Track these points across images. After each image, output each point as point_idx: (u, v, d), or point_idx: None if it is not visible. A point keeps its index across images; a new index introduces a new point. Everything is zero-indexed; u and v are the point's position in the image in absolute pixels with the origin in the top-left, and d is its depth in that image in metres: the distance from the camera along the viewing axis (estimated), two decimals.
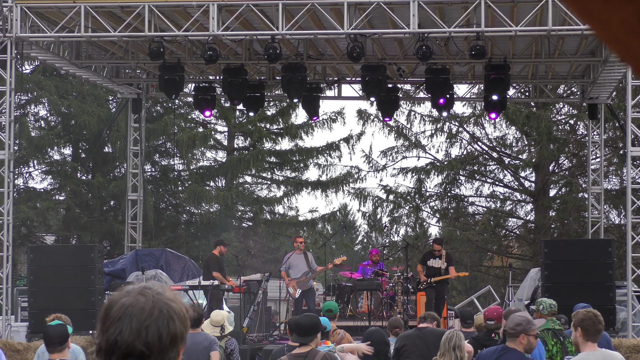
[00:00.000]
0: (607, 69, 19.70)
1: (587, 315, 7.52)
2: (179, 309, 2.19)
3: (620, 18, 1.39)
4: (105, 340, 2.13)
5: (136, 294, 2.16)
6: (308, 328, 8.02)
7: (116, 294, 2.19)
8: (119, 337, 2.11)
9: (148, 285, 2.21)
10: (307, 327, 8.03)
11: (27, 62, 27.94)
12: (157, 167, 33.91)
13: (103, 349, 2.13)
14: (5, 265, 17.85)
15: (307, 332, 7.99)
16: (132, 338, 2.10)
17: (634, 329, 18.05)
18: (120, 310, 2.13)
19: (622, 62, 1.48)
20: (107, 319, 2.14)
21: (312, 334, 8.06)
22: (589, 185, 23.22)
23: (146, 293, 2.16)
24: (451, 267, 19.47)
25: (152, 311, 2.13)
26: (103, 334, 2.14)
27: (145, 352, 2.11)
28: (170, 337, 2.15)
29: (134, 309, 2.13)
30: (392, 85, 21.45)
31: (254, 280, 19.82)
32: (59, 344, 8.42)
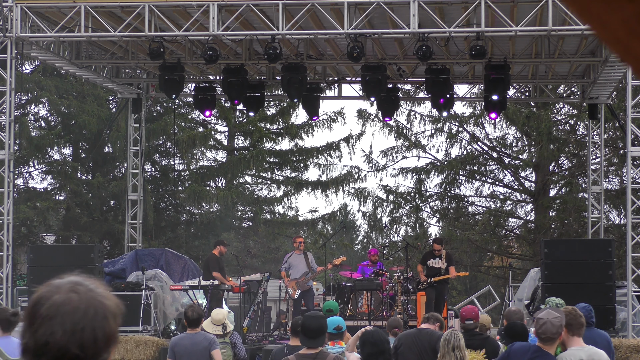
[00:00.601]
0: (607, 69, 19.70)
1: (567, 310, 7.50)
2: (114, 307, 2.06)
3: (621, 18, 1.39)
4: (34, 341, 1.98)
5: (68, 291, 2.00)
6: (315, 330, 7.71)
7: (45, 290, 2.02)
8: (50, 338, 1.96)
9: (79, 280, 2.05)
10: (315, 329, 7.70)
11: (27, 62, 27.94)
12: (157, 167, 33.91)
13: (31, 349, 1.98)
14: (5, 265, 17.85)
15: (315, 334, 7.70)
16: (66, 340, 1.96)
17: (634, 329, 18.04)
18: (52, 309, 1.98)
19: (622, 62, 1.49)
20: (36, 318, 1.98)
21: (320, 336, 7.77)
22: (589, 185, 23.22)
23: (78, 290, 2.01)
24: (451, 267, 19.46)
25: (87, 310, 1.99)
26: (31, 334, 1.98)
27: (80, 355, 1.98)
28: (106, 338, 2.02)
29: (66, 307, 1.98)
30: (392, 85, 21.44)
31: (254, 280, 19.82)
32: None
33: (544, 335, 7.30)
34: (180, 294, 19.66)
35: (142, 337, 17.84)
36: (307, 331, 7.74)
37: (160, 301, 19.35)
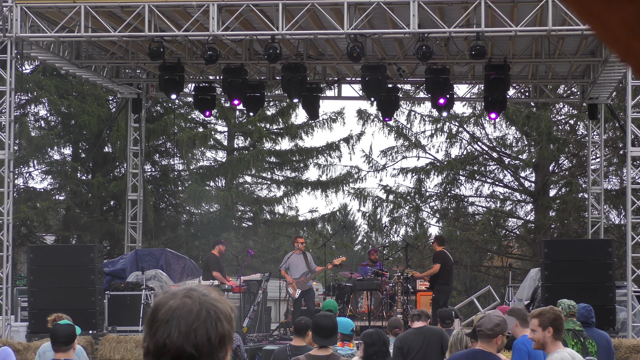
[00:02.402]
0: (607, 69, 19.70)
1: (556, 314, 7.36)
2: (225, 309, 2.21)
3: (621, 18, 1.39)
4: (154, 344, 2.14)
5: (182, 297, 2.17)
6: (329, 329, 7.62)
7: (162, 297, 2.19)
8: (168, 340, 2.11)
9: (193, 287, 2.22)
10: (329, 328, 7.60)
11: (27, 62, 27.93)
12: (157, 167, 33.91)
13: (151, 351, 2.15)
14: (5, 265, 17.85)
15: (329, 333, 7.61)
16: (181, 341, 2.11)
17: (634, 329, 18.04)
18: (168, 313, 2.14)
19: (622, 63, 1.49)
20: (154, 322, 2.15)
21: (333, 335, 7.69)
22: (589, 186, 23.22)
23: (192, 295, 2.17)
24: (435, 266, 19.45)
25: (200, 313, 2.14)
26: (151, 337, 2.15)
27: (195, 355, 2.12)
28: (219, 337, 2.15)
29: (181, 311, 2.14)
30: (392, 85, 21.44)
31: (254, 280, 19.82)
32: (64, 344, 8.42)
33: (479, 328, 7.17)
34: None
35: (142, 337, 17.83)
36: (320, 330, 7.67)
37: None
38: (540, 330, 7.25)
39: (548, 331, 7.20)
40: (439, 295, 19.18)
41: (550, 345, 7.19)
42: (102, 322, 18.54)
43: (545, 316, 7.26)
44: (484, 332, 7.14)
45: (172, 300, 2.17)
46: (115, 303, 18.82)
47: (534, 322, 7.27)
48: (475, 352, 7.22)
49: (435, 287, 19.42)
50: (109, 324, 18.69)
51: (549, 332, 7.19)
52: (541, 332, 7.24)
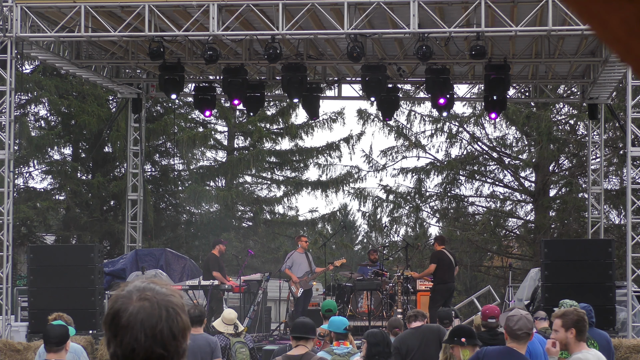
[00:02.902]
0: (607, 69, 19.70)
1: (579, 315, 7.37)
2: (179, 302, 2.29)
3: (621, 18, 1.39)
4: (122, 350, 2.21)
5: (138, 299, 2.23)
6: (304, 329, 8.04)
7: (119, 302, 2.24)
8: (136, 344, 2.19)
9: (145, 286, 2.27)
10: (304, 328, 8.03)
11: (27, 62, 27.93)
12: (157, 167, 33.91)
13: (120, 356, 2.22)
14: (5, 265, 17.85)
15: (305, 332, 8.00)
16: (150, 343, 2.20)
17: (634, 329, 18.05)
18: (130, 319, 2.20)
19: (622, 62, 1.49)
20: (118, 329, 2.22)
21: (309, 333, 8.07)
22: (589, 185, 23.22)
23: (147, 296, 2.24)
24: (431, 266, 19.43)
25: (160, 314, 2.22)
26: (118, 344, 2.22)
27: (164, 353, 2.21)
28: (181, 331, 2.25)
29: (142, 315, 2.21)
30: (392, 85, 21.45)
31: (254, 280, 19.82)
32: (56, 345, 8.42)
33: (520, 331, 7.18)
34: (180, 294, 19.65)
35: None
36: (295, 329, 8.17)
37: None
38: (562, 330, 7.25)
39: (571, 332, 7.21)
40: (434, 295, 19.19)
41: (574, 346, 7.20)
42: None
43: (568, 317, 7.26)
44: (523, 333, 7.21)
45: (129, 305, 2.22)
46: None
47: (557, 323, 7.28)
48: (511, 351, 7.25)
49: (432, 287, 19.44)
50: None
51: (572, 333, 7.19)
52: (564, 332, 7.24)
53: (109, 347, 2.25)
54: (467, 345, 8.36)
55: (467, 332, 8.61)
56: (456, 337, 8.41)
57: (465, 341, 8.36)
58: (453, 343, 8.41)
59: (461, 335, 8.44)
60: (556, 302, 11.43)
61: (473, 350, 8.41)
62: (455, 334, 8.50)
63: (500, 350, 7.59)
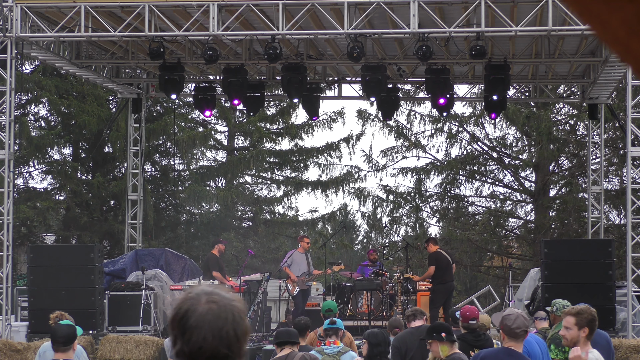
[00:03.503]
0: (607, 69, 19.70)
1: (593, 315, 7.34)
2: (242, 307, 2.48)
3: (621, 18, 1.39)
4: (189, 347, 2.37)
5: (206, 302, 2.41)
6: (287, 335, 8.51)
7: (188, 303, 2.41)
8: (204, 343, 2.36)
9: (212, 290, 2.45)
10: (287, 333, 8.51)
11: (27, 62, 27.92)
12: (157, 167, 33.91)
13: (186, 354, 2.38)
14: (5, 265, 17.85)
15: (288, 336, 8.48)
16: (216, 343, 2.37)
17: (634, 329, 18.04)
18: (199, 320, 2.38)
19: (622, 62, 1.49)
20: (186, 328, 2.38)
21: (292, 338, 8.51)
22: (589, 185, 23.22)
23: (215, 300, 2.41)
24: None
25: (227, 316, 2.40)
26: (185, 342, 2.38)
27: (228, 354, 2.38)
28: (243, 334, 2.43)
29: (210, 316, 2.38)
30: (392, 85, 21.45)
31: (254, 280, 19.82)
32: (63, 344, 8.42)
33: (519, 329, 7.15)
34: (180, 294, 19.66)
35: (142, 337, 17.84)
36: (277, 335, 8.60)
37: (160, 301, 19.35)
38: (576, 329, 7.23)
39: (583, 331, 7.19)
40: (434, 296, 19.16)
41: (583, 345, 7.20)
42: (102, 322, 18.54)
43: (583, 316, 7.25)
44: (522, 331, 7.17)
45: (199, 306, 2.40)
46: (115, 303, 18.82)
47: (570, 320, 7.24)
48: (510, 351, 7.21)
49: (431, 288, 19.41)
50: (109, 324, 18.69)
51: (584, 332, 7.18)
52: (576, 331, 7.23)
53: (174, 345, 2.40)
54: (446, 341, 8.35)
55: (445, 328, 8.61)
56: (435, 333, 8.40)
57: (446, 337, 8.35)
58: (432, 339, 8.39)
59: (440, 331, 8.43)
60: None
61: (451, 346, 8.39)
62: (434, 330, 8.49)
63: (498, 351, 7.55)
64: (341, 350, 9.64)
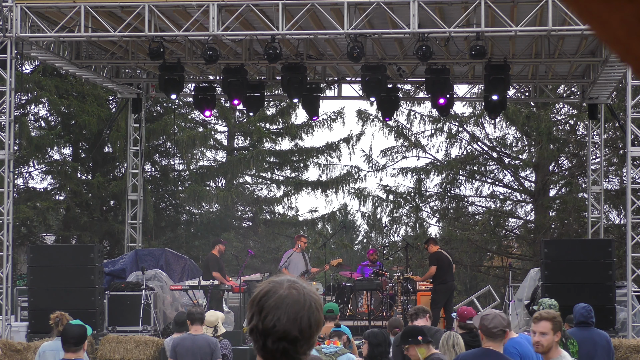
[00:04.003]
0: (607, 69, 19.70)
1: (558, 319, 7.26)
2: (320, 300, 2.59)
3: (620, 18, 1.39)
4: (264, 325, 2.50)
5: (288, 287, 2.53)
6: None
7: (270, 285, 2.55)
8: (278, 323, 2.48)
9: (294, 279, 2.59)
10: None
11: (27, 62, 27.92)
12: (157, 167, 33.91)
13: (260, 331, 2.51)
14: (5, 265, 17.85)
15: None
16: (289, 325, 2.48)
17: (634, 329, 18.05)
18: (278, 301, 2.50)
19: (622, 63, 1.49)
20: (265, 307, 2.51)
21: None
22: (589, 185, 23.22)
23: (296, 287, 2.54)
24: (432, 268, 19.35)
25: (304, 303, 2.51)
26: (261, 319, 2.51)
27: (299, 337, 2.49)
28: (317, 323, 2.54)
29: (289, 300, 2.50)
30: (392, 85, 21.45)
31: (254, 280, 19.82)
32: (74, 344, 8.41)
33: (496, 329, 7.07)
34: (180, 294, 19.66)
35: (142, 337, 17.84)
36: None
37: (160, 301, 19.35)
38: (551, 334, 7.13)
39: (557, 336, 7.13)
40: (435, 296, 19.15)
41: (554, 350, 7.13)
42: (102, 322, 18.54)
43: (557, 320, 7.16)
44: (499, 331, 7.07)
45: (280, 289, 2.52)
46: (115, 303, 18.82)
47: (546, 325, 7.10)
48: (488, 352, 7.13)
49: (432, 288, 19.39)
50: (109, 324, 18.69)
51: (557, 337, 7.12)
52: (552, 336, 7.15)
53: (250, 322, 2.54)
54: (422, 344, 8.33)
55: (420, 331, 8.59)
56: (411, 338, 8.37)
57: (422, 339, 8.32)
58: (408, 343, 8.37)
59: (416, 334, 8.40)
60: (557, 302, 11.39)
61: (428, 347, 8.36)
62: (409, 335, 8.46)
63: (476, 353, 7.47)
64: (338, 351, 9.63)
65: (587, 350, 9.82)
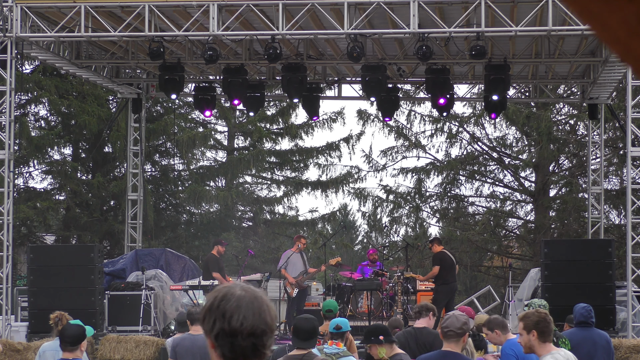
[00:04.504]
0: (607, 69, 19.70)
1: (540, 316, 7.16)
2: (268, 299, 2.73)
3: (621, 18, 1.39)
4: (231, 326, 2.60)
5: (241, 289, 2.66)
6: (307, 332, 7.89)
7: (224, 290, 2.66)
8: (244, 321, 2.60)
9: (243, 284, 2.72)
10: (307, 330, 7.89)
11: (27, 62, 27.93)
12: (157, 167, 33.92)
13: (227, 332, 2.61)
14: (5, 265, 17.85)
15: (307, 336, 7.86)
16: (256, 321, 2.61)
17: (634, 329, 18.04)
18: (238, 301, 2.63)
19: (622, 63, 1.49)
20: (227, 309, 2.62)
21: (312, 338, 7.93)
22: (589, 185, 23.22)
23: (247, 289, 2.68)
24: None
25: (260, 300, 2.66)
26: (226, 322, 2.61)
27: (266, 330, 2.63)
28: (274, 316, 2.68)
29: (247, 299, 2.64)
30: (392, 85, 21.45)
31: (254, 280, 19.82)
32: (70, 344, 8.41)
33: (447, 329, 7.04)
34: (180, 294, 19.66)
35: (142, 337, 17.84)
36: (299, 333, 7.89)
37: (160, 301, 19.35)
38: (525, 333, 7.07)
39: (532, 334, 7.07)
40: (437, 296, 19.11)
41: (539, 349, 7.06)
42: (102, 322, 18.54)
43: (529, 319, 7.06)
44: (454, 332, 7.01)
45: (236, 291, 2.65)
46: (115, 303, 18.82)
47: (519, 326, 7.10)
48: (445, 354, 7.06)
49: (434, 288, 19.36)
50: (109, 324, 18.69)
51: (534, 335, 7.07)
52: (526, 335, 7.12)
53: (212, 329, 2.63)
54: (384, 343, 8.32)
55: (382, 330, 8.58)
56: (373, 337, 8.36)
57: (384, 339, 8.31)
58: (370, 342, 8.36)
59: (378, 333, 8.39)
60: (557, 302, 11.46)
61: (391, 347, 8.35)
62: (371, 334, 8.45)
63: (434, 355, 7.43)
64: (340, 352, 9.62)
65: (587, 350, 9.81)
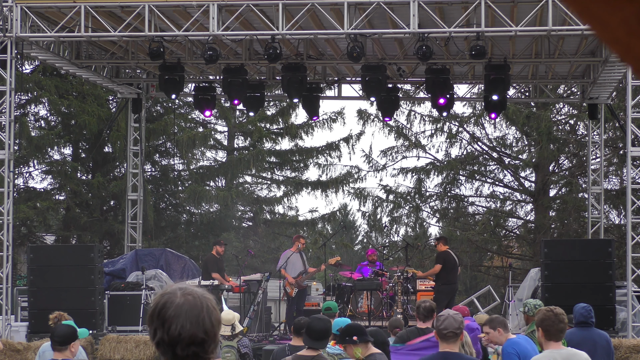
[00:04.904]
0: (607, 69, 19.70)
1: (546, 315, 7.28)
2: (213, 301, 2.72)
3: (621, 18, 1.39)
4: (169, 336, 2.60)
5: (183, 295, 2.65)
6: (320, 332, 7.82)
7: (165, 298, 2.65)
8: (182, 330, 2.59)
9: (186, 286, 2.71)
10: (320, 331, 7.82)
11: (27, 62, 27.92)
12: (157, 167, 33.92)
13: (167, 342, 2.61)
14: (5, 265, 17.85)
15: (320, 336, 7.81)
16: (194, 329, 2.60)
17: (634, 329, 18.04)
18: (177, 310, 2.61)
19: (622, 63, 1.49)
20: (166, 318, 2.62)
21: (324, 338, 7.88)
22: (589, 185, 23.22)
23: (190, 292, 2.66)
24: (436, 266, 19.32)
25: (201, 306, 2.64)
26: (165, 331, 2.61)
27: (205, 338, 2.62)
28: (217, 322, 2.68)
29: (186, 306, 2.62)
30: (392, 85, 21.45)
31: (254, 280, 19.82)
32: (59, 344, 8.42)
33: (446, 330, 7.00)
34: None
35: (142, 337, 17.84)
36: (312, 332, 7.83)
37: None
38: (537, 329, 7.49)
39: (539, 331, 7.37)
40: (438, 296, 19.10)
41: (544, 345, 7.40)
42: (102, 322, 18.54)
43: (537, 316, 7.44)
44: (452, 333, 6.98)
45: (175, 298, 2.63)
46: (115, 303, 18.82)
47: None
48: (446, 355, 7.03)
49: (435, 288, 19.35)
50: (109, 324, 18.70)
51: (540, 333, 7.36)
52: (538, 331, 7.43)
53: (154, 336, 2.63)
54: (359, 343, 8.32)
55: (357, 329, 8.57)
56: (348, 337, 8.36)
57: (357, 339, 8.30)
58: (345, 342, 8.36)
59: (352, 333, 8.39)
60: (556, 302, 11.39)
61: (366, 346, 8.35)
62: (346, 334, 8.44)
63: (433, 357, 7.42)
64: (342, 353, 9.63)
65: (587, 350, 9.79)
